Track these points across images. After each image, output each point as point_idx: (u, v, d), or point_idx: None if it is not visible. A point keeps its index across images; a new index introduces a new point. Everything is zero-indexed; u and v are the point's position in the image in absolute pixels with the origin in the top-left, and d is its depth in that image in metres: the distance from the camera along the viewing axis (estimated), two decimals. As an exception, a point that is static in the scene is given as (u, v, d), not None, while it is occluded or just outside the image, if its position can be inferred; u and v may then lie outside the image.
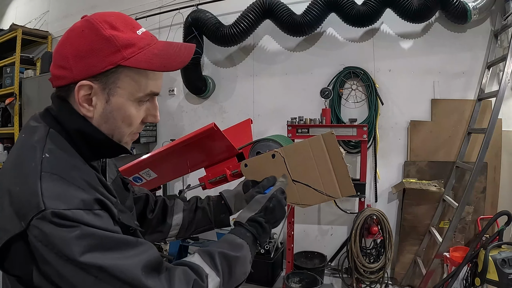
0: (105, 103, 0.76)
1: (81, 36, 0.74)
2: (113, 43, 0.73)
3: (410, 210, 3.21)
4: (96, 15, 0.77)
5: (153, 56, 0.75)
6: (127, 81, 0.76)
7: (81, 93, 0.74)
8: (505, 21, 3.01)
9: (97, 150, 0.80)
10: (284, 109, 3.74)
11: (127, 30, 0.76)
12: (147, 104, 0.83)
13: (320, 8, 3.26)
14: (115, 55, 0.72)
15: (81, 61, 0.72)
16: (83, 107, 0.76)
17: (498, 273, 2.39)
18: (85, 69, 0.72)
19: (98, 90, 0.75)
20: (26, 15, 5.69)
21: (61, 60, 0.75)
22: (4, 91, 5.14)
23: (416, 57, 3.39)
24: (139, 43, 0.75)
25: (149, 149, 4.48)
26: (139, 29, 0.78)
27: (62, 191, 0.66)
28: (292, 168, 1.18)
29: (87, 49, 0.72)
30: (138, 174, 1.54)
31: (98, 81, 0.74)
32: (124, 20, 0.78)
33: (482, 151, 2.69)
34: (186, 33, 3.87)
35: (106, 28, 0.74)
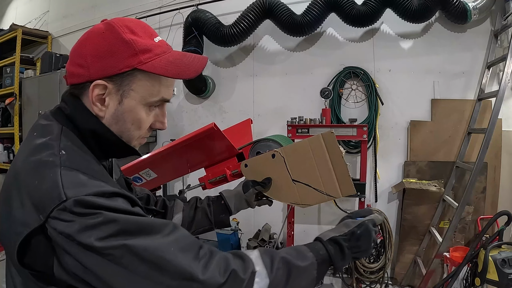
0: (117, 104, 0.78)
1: (101, 37, 0.76)
2: (131, 46, 0.75)
3: (410, 210, 3.21)
4: (117, 19, 0.79)
5: (169, 63, 0.78)
6: (141, 84, 0.78)
7: (95, 92, 0.76)
8: (505, 21, 3.01)
9: (107, 150, 0.82)
10: (284, 109, 3.74)
11: (145, 36, 0.78)
12: (157, 110, 0.85)
13: (320, 8, 3.26)
14: (133, 58, 0.75)
15: (99, 61, 0.74)
16: (95, 106, 0.78)
17: (498, 273, 2.39)
18: (102, 69, 0.75)
19: (112, 91, 0.77)
20: (26, 15, 5.69)
21: (79, 58, 0.76)
22: (4, 91, 5.15)
23: (416, 57, 3.39)
24: (156, 50, 0.78)
25: (149, 149, 4.48)
26: (156, 37, 0.81)
27: (83, 181, 0.67)
28: (292, 168, 1.18)
29: (106, 50, 0.74)
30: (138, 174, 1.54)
31: (113, 82, 0.76)
32: (143, 27, 0.81)
33: (482, 151, 2.69)
34: (186, 33, 3.87)
35: (126, 32, 0.76)
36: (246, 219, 3.87)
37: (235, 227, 3.41)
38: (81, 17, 5.03)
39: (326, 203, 3.63)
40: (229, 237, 3.33)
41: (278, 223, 3.72)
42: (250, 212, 3.95)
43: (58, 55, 4.97)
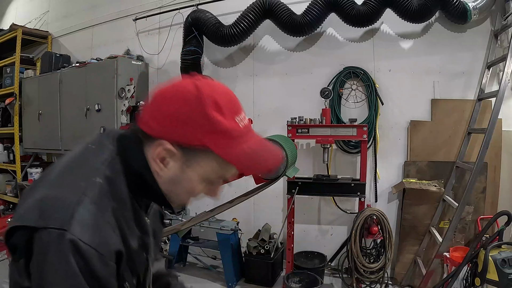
0: (178, 171, 0.77)
1: (187, 103, 0.73)
2: (213, 126, 0.72)
3: (410, 210, 3.21)
4: (208, 87, 0.75)
5: (244, 155, 0.75)
6: (209, 163, 0.76)
7: (160, 151, 0.75)
8: (505, 21, 3.01)
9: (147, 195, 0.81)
10: (284, 109, 3.74)
11: (229, 117, 0.74)
12: (213, 184, 0.83)
13: (320, 8, 3.27)
14: (210, 137, 0.72)
15: (177, 125, 0.73)
16: (155, 162, 0.77)
17: (498, 273, 2.39)
18: (176, 134, 0.74)
19: (178, 157, 0.76)
20: (26, 15, 5.69)
21: (158, 113, 0.75)
22: (4, 91, 5.15)
23: (416, 57, 3.39)
24: (234, 134, 0.74)
25: (149, 149, 4.48)
26: (239, 115, 0.77)
27: (92, 224, 0.67)
28: None
29: (187, 118, 0.72)
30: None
31: (183, 150, 0.75)
32: (231, 102, 0.76)
33: (482, 151, 2.69)
34: (186, 33, 3.87)
35: (212, 108, 0.72)
36: (246, 219, 3.88)
37: (235, 227, 3.41)
38: (81, 17, 5.04)
39: (327, 202, 3.64)
40: (229, 237, 3.33)
41: (278, 223, 3.72)
42: (250, 212, 3.95)
43: (58, 55, 4.97)
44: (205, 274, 3.62)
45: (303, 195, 3.26)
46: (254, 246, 3.36)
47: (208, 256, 3.76)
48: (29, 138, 5.10)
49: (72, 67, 4.67)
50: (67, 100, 4.58)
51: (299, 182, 3.18)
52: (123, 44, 4.55)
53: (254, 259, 3.37)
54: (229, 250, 3.34)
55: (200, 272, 3.69)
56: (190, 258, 3.91)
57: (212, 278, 3.53)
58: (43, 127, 4.87)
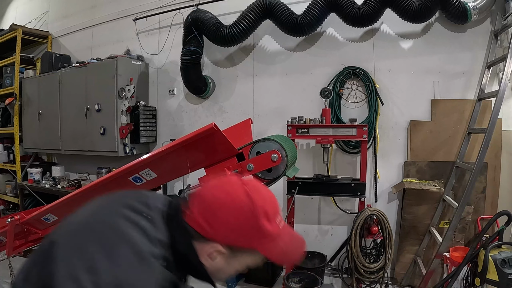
0: (224, 263, 0.87)
1: (242, 213, 0.82)
2: (261, 233, 0.83)
3: (410, 210, 3.21)
4: (259, 197, 0.84)
5: (281, 253, 0.87)
6: (253, 258, 0.89)
7: (211, 252, 0.84)
8: (505, 21, 3.01)
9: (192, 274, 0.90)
10: (284, 109, 3.74)
11: (274, 222, 0.86)
12: None
13: (320, 8, 3.27)
14: (257, 241, 0.83)
15: (229, 232, 0.82)
16: (205, 258, 0.85)
17: (498, 273, 2.39)
18: (228, 239, 0.83)
19: (226, 255, 0.85)
20: (26, 15, 5.69)
21: (212, 217, 0.83)
22: (4, 91, 5.15)
23: (416, 57, 3.39)
24: (274, 233, 0.85)
25: (149, 149, 4.48)
26: (278, 216, 0.89)
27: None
28: None
29: (239, 227, 0.82)
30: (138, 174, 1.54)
31: (231, 250, 0.85)
32: (274, 208, 0.88)
33: (482, 151, 2.68)
34: (186, 33, 3.88)
35: (262, 217, 0.82)
36: (246, 219, 3.87)
37: None
38: (81, 17, 5.04)
39: (326, 202, 3.64)
40: (229, 237, 3.34)
41: (278, 223, 3.72)
42: (250, 212, 3.94)
43: (58, 55, 4.97)
44: (205, 274, 3.62)
45: (303, 195, 3.26)
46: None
47: (208, 256, 3.76)
48: (29, 138, 5.10)
49: (72, 67, 4.66)
50: (67, 100, 4.58)
51: (299, 182, 3.18)
52: (123, 44, 4.55)
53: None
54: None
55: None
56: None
57: (212, 278, 3.52)
58: (43, 127, 4.87)
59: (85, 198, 1.56)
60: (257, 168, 1.58)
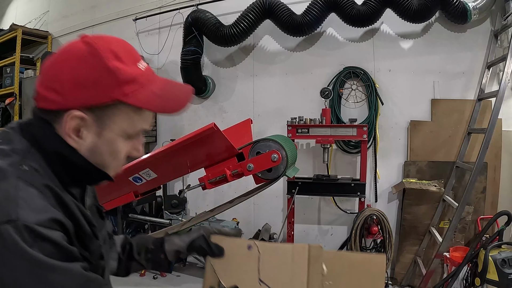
0: (95, 137, 0.73)
1: (83, 61, 0.69)
2: (115, 76, 0.69)
3: (410, 210, 3.21)
4: (100, 41, 0.71)
5: (154, 96, 0.74)
6: (123, 117, 0.73)
7: (71, 123, 0.70)
8: (505, 21, 3.01)
9: (76, 176, 0.76)
10: (284, 109, 3.74)
11: (130, 63, 0.72)
12: (134, 139, 0.80)
13: (320, 8, 3.27)
14: (116, 90, 0.69)
15: (79, 89, 0.68)
16: (70, 137, 0.72)
17: (498, 273, 2.39)
18: (81, 98, 0.69)
19: (90, 123, 0.71)
20: (26, 15, 5.69)
21: (54, 82, 0.69)
22: (4, 91, 5.14)
23: (416, 57, 3.39)
24: (140, 79, 0.73)
25: (149, 149, 4.48)
26: (140, 61, 0.76)
27: (37, 205, 0.63)
28: (263, 267, 1.06)
29: (87, 77, 0.68)
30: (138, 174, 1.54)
31: (92, 113, 0.70)
32: (128, 50, 0.75)
33: (482, 151, 2.69)
34: (186, 33, 3.88)
35: (110, 58, 0.69)
36: (246, 219, 3.87)
37: (235, 227, 3.41)
38: (81, 17, 5.03)
39: (326, 202, 3.64)
40: (229, 237, 3.34)
41: (278, 223, 3.72)
42: (250, 212, 3.95)
43: (58, 55, 4.97)
44: (205, 274, 3.62)
45: (303, 195, 3.26)
46: (254, 246, 3.36)
47: (208, 256, 3.76)
48: (29, 138, 5.09)
49: (72, 67, 4.65)
50: (67, 100, 4.57)
51: (299, 182, 3.18)
52: (123, 44, 4.55)
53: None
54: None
55: (200, 272, 3.69)
56: (190, 258, 3.90)
57: (212, 278, 3.52)
58: (43, 127, 4.85)
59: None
60: (257, 168, 1.58)
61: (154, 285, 3.50)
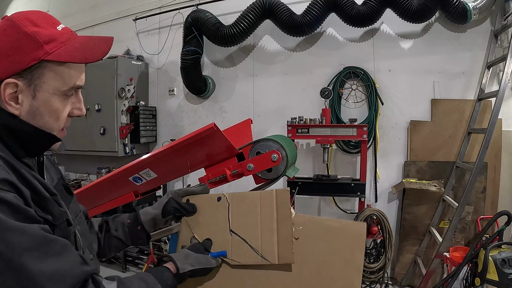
0: (31, 99, 0.77)
1: (3, 34, 0.75)
2: (35, 39, 0.75)
3: (410, 210, 3.21)
4: (17, 14, 0.78)
5: (75, 49, 0.79)
6: (52, 75, 0.78)
7: (7, 91, 0.75)
8: (505, 21, 3.01)
9: (27, 145, 0.80)
10: (284, 109, 3.74)
11: (48, 26, 0.78)
12: (72, 98, 0.85)
13: (320, 8, 3.26)
14: (38, 50, 0.75)
15: (5, 59, 0.74)
16: (10, 105, 0.76)
17: (498, 273, 2.39)
18: (9, 67, 0.74)
19: (23, 87, 0.76)
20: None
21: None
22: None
23: (416, 57, 3.39)
24: (60, 38, 0.78)
25: (149, 149, 4.48)
26: (59, 25, 0.81)
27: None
28: (233, 217, 1.06)
29: (9, 47, 0.74)
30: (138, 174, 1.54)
31: (23, 77, 0.75)
32: (45, 17, 0.80)
33: (482, 151, 2.69)
34: (186, 33, 3.88)
35: (27, 25, 0.75)
36: (246, 219, 3.87)
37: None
38: (81, 17, 5.03)
39: (326, 202, 3.64)
40: (229, 237, 3.33)
41: (278, 223, 3.72)
42: (250, 212, 3.94)
43: (58, 55, 4.97)
44: (205, 274, 3.62)
45: (303, 195, 3.26)
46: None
47: (208, 256, 3.76)
48: (29, 138, 5.09)
49: (72, 67, 4.66)
50: (67, 100, 4.58)
51: (299, 182, 3.18)
52: (123, 44, 4.55)
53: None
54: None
55: (200, 272, 3.68)
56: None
57: (212, 278, 3.52)
58: (43, 127, 4.86)
59: (85, 199, 1.56)
60: (257, 168, 1.58)
61: (154, 285, 3.49)
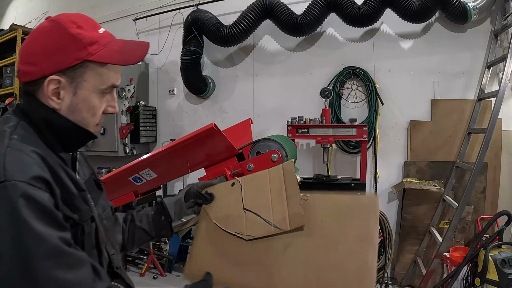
0: (72, 96, 0.83)
1: (49, 35, 0.81)
2: (79, 40, 0.80)
3: (410, 210, 3.21)
4: (62, 16, 0.85)
5: (115, 52, 0.85)
6: (92, 74, 0.83)
7: (50, 87, 0.80)
8: (505, 21, 3.01)
9: (64, 140, 0.86)
10: (284, 109, 3.74)
11: (90, 29, 0.84)
12: (107, 96, 0.90)
13: (320, 8, 3.27)
14: (82, 51, 0.81)
15: (50, 57, 0.79)
16: (52, 100, 0.82)
17: (498, 273, 2.39)
18: (53, 65, 0.80)
19: (65, 84, 0.82)
20: (26, 15, 5.69)
21: (29, 57, 0.81)
22: (4, 91, 5.14)
23: (416, 57, 3.39)
24: (101, 41, 0.84)
25: (149, 149, 4.48)
26: (100, 28, 0.87)
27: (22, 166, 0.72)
28: (246, 197, 1.15)
29: (55, 46, 0.80)
30: (138, 174, 1.54)
31: (66, 75, 0.81)
32: (87, 20, 0.87)
33: (482, 151, 2.69)
34: (186, 33, 3.88)
35: (72, 27, 0.81)
36: (246, 219, 3.87)
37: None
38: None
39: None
40: (229, 237, 3.33)
41: (278, 223, 3.72)
42: (250, 212, 3.94)
43: (58, 55, 4.97)
44: (205, 274, 3.62)
45: (303, 195, 3.25)
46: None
47: (208, 256, 3.76)
48: (29, 138, 5.09)
49: (72, 67, 4.65)
50: (67, 100, 4.57)
51: (299, 182, 3.17)
52: (123, 44, 4.55)
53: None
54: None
55: (200, 272, 3.69)
56: (190, 258, 3.91)
57: (212, 278, 3.52)
58: (43, 127, 4.85)
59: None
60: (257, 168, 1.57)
61: (154, 285, 3.50)
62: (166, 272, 3.63)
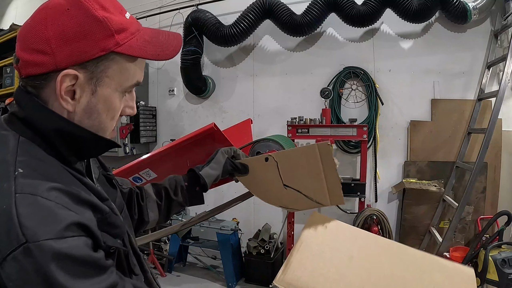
0: (90, 95, 0.66)
1: (66, 15, 0.61)
2: (106, 26, 0.63)
3: (410, 210, 3.21)
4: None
5: (146, 43, 0.69)
6: (117, 69, 0.67)
7: (64, 84, 0.63)
8: (505, 21, 3.01)
9: (81, 151, 0.69)
10: (284, 109, 3.74)
11: (117, 13, 0.66)
12: (126, 96, 0.73)
13: (320, 8, 3.27)
14: (109, 40, 0.63)
15: (68, 45, 0.61)
16: (64, 100, 0.64)
17: (498, 273, 2.39)
18: (71, 55, 0.62)
19: (84, 81, 0.64)
20: (26, 15, 5.56)
21: (39, 43, 0.61)
22: (4, 91, 5.14)
23: (416, 57, 3.39)
24: (130, 28, 0.68)
25: (149, 149, 4.48)
26: (126, 12, 0.70)
27: (43, 216, 0.54)
28: (284, 173, 1.18)
29: (76, 31, 0.61)
30: (138, 174, 1.54)
31: (86, 69, 0.64)
32: (112, 1, 0.68)
33: (482, 151, 2.69)
34: (186, 33, 3.88)
35: (97, 8, 0.63)
36: (246, 219, 3.87)
37: (235, 227, 3.41)
38: None
39: (326, 203, 3.63)
40: (229, 237, 3.33)
41: (278, 223, 3.72)
42: (250, 212, 3.95)
43: (58, 55, 4.96)
44: (205, 274, 3.62)
45: (303, 195, 3.26)
46: (254, 246, 3.36)
47: (208, 256, 3.76)
48: (29, 138, 5.08)
49: (72, 67, 4.65)
50: (67, 100, 4.57)
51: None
52: (123, 44, 4.55)
53: (254, 259, 3.37)
54: (229, 250, 3.34)
55: (200, 272, 3.69)
56: (190, 258, 3.91)
57: (212, 278, 3.53)
58: (43, 127, 4.85)
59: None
60: (257, 168, 1.58)
61: (154, 285, 3.49)
62: (166, 272, 3.62)
